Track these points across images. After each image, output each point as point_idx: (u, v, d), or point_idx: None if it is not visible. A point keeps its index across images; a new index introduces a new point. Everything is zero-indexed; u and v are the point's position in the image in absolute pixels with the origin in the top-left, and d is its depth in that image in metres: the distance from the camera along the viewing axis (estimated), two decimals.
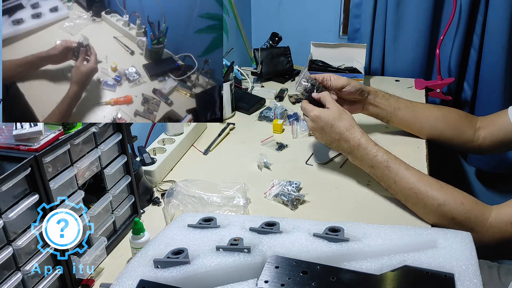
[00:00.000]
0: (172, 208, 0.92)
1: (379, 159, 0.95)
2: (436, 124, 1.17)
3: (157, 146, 1.15)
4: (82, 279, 0.78)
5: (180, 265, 0.65)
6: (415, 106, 1.19)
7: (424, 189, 0.89)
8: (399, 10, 1.63)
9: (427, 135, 1.20)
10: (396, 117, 1.18)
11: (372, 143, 0.98)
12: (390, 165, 0.94)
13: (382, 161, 0.95)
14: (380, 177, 0.97)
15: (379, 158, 0.96)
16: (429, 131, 1.18)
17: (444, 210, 0.87)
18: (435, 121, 1.17)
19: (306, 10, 1.91)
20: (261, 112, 1.42)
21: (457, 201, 0.87)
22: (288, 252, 0.66)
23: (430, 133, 1.18)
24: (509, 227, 0.83)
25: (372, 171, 0.98)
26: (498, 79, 1.59)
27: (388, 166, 0.94)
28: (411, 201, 0.92)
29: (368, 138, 0.99)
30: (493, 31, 1.55)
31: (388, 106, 1.16)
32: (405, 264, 0.62)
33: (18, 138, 0.68)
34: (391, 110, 1.17)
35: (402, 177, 0.93)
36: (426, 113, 1.19)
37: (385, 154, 0.96)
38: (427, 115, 1.18)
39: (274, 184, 1.04)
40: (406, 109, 1.17)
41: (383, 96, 1.17)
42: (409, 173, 0.93)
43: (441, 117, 1.17)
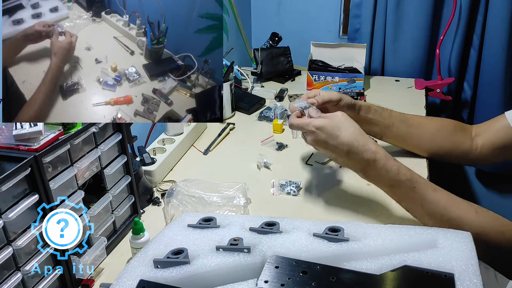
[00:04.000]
0: (172, 208, 0.92)
1: (402, 178, 0.82)
2: (432, 139, 1.09)
3: (157, 146, 1.15)
4: (82, 279, 0.78)
5: (180, 265, 0.65)
6: (409, 119, 1.10)
7: (458, 216, 0.79)
8: (399, 10, 1.64)
9: (424, 151, 1.12)
10: (390, 133, 1.08)
11: (391, 157, 0.84)
12: (416, 185, 0.81)
13: (405, 180, 0.82)
14: (403, 198, 0.85)
15: (402, 177, 0.82)
16: (425, 146, 1.11)
17: (483, 240, 0.75)
18: (430, 135, 1.10)
19: (306, 10, 1.91)
20: (261, 112, 1.42)
21: (497, 229, 0.77)
22: (288, 252, 0.66)
23: (426, 147, 1.11)
24: None
25: (392, 190, 0.85)
26: (498, 79, 1.60)
27: (413, 187, 0.81)
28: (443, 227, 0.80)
29: (384, 151, 0.85)
30: (493, 31, 1.55)
31: (381, 122, 1.06)
32: (405, 264, 0.62)
33: (18, 138, 0.68)
34: (385, 126, 1.07)
35: (430, 201, 0.81)
36: (420, 127, 1.10)
37: (407, 172, 0.83)
38: (421, 129, 1.10)
39: (274, 184, 1.05)
40: (400, 124, 1.08)
41: (375, 111, 1.05)
42: (438, 196, 0.81)
43: (436, 131, 1.10)
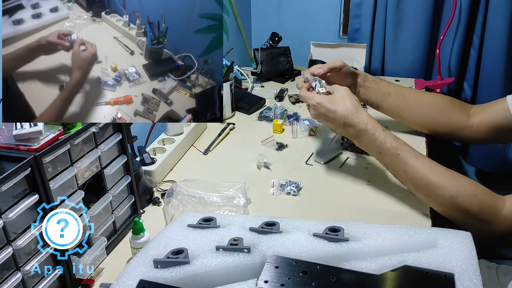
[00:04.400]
0: (172, 208, 0.92)
1: (388, 146, 0.91)
2: (427, 110, 1.14)
3: (157, 146, 1.15)
4: (82, 279, 0.78)
5: (180, 265, 0.65)
6: (405, 91, 1.16)
7: (435, 180, 0.86)
8: (399, 10, 1.64)
9: (419, 123, 1.17)
10: (386, 102, 1.15)
11: (380, 127, 0.93)
12: (400, 152, 0.90)
13: (391, 148, 0.91)
14: (389, 164, 0.94)
15: (388, 144, 0.91)
16: (420, 118, 1.16)
17: (457, 202, 0.84)
18: (426, 106, 1.15)
19: (306, 10, 1.91)
20: (261, 112, 1.42)
21: (469, 192, 0.84)
22: (288, 252, 0.66)
23: (421, 119, 1.16)
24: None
25: (380, 157, 0.95)
26: (498, 79, 1.59)
27: (397, 154, 0.90)
28: (421, 191, 0.90)
29: (375, 122, 0.94)
30: (493, 31, 1.55)
31: (378, 90, 1.14)
32: (405, 264, 0.62)
33: (18, 138, 0.68)
34: (382, 95, 1.14)
35: (412, 166, 0.89)
36: (416, 98, 1.16)
37: (394, 140, 0.92)
38: (417, 100, 1.16)
39: (274, 184, 1.05)
40: (397, 94, 1.14)
41: (373, 80, 1.14)
42: (419, 162, 0.89)
43: (432, 103, 1.15)
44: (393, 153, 0.91)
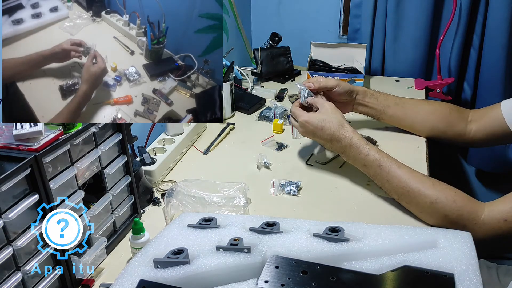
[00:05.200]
0: (172, 208, 0.92)
1: (371, 158, 0.95)
2: (426, 118, 1.18)
3: (157, 146, 1.15)
4: (82, 279, 0.78)
5: (180, 265, 0.65)
6: (404, 102, 1.20)
7: (416, 187, 0.90)
8: (399, 10, 1.64)
9: (420, 130, 1.20)
10: (386, 115, 1.19)
11: (364, 141, 0.98)
12: (382, 164, 0.94)
13: (374, 160, 0.95)
14: (373, 176, 0.98)
15: (371, 157, 0.96)
16: (420, 125, 1.19)
17: (437, 208, 0.87)
18: (425, 115, 1.18)
19: (306, 10, 1.91)
20: (261, 112, 1.42)
21: (449, 198, 0.86)
22: (288, 252, 0.66)
23: (422, 127, 1.19)
24: (502, 224, 0.83)
25: (366, 170, 0.99)
26: (498, 79, 1.59)
27: (380, 165, 0.94)
28: (404, 199, 0.93)
29: (359, 136, 0.99)
30: (493, 31, 1.55)
31: (377, 105, 1.17)
32: (405, 264, 0.62)
33: (18, 138, 0.68)
34: (381, 108, 1.18)
35: (394, 175, 0.93)
36: (415, 108, 1.19)
37: (376, 153, 0.96)
38: (416, 110, 1.19)
39: (274, 184, 1.05)
40: (396, 106, 1.18)
41: (372, 95, 1.17)
42: (401, 171, 0.93)
43: (431, 111, 1.18)
44: (376, 165, 0.95)
